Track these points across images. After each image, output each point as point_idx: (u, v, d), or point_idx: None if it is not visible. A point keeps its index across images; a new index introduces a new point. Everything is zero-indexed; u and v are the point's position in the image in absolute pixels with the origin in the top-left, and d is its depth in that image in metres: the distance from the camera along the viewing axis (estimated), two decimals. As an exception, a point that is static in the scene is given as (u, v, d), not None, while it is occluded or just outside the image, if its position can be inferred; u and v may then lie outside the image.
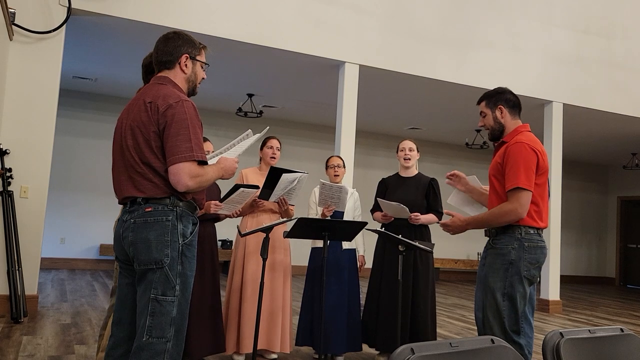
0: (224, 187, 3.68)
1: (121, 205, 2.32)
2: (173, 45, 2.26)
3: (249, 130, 2.86)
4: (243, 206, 3.85)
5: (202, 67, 2.34)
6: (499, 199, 2.64)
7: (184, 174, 2.06)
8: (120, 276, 2.27)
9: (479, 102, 2.83)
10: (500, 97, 2.76)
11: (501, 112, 2.74)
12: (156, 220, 2.09)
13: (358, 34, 6.43)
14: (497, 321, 2.60)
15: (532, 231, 2.61)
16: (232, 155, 2.42)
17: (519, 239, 2.59)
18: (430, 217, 4.06)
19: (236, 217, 3.92)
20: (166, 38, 2.28)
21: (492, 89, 2.87)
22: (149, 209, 2.10)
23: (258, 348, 3.70)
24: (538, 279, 2.67)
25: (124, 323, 2.20)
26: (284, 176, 3.58)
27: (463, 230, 2.78)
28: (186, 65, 2.27)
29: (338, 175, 4.22)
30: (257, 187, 3.50)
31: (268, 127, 3.15)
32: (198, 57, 2.31)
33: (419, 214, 3.98)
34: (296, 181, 3.69)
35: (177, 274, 2.10)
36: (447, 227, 2.80)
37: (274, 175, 3.58)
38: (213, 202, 3.59)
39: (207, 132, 3.21)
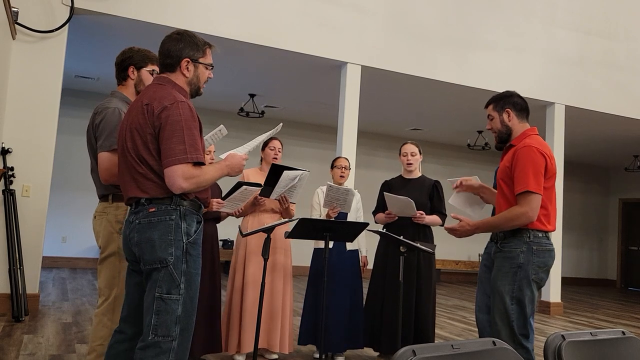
0: (225, 185, 3.68)
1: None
2: (175, 49, 2.22)
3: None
4: (245, 205, 3.85)
5: (207, 68, 2.30)
6: (508, 203, 2.64)
7: (177, 177, 2.06)
8: (128, 275, 2.29)
9: (486, 106, 2.82)
10: (507, 101, 2.75)
11: (508, 116, 2.73)
12: (160, 220, 2.10)
13: (360, 34, 6.43)
14: (505, 325, 2.58)
15: (540, 234, 2.61)
16: (242, 152, 2.40)
17: (528, 243, 2.59)
18: (434, 218, 4.06)
19: (237, 216, 3.91)
20: (169, 39, 2.25)
21: (493, 89, 2.87)
22: (153, 210, 2.11)
23: (259, 347, 3.71)
24: (545, 282, 2.66)
25: (131, 321, 2.23)
26: (285, 173, 3.57)
27: (471, 234, 2.76)
28: (187, 69, 2.24)
29: (344, 176, 4.23)
30: (259, 185, 3.51)
31: (281, 124, 3.11)
32: (201, 60, 2.26)
33: (423, 212, 3.97)
34: (297, 179, 3.68)
35: (182, 272, 2.10)
36: (454, 232, 2.77)
37: (276, 172, 3.58)
38: (215, 199, 3.59)
39: (208, 133, 3.21)
